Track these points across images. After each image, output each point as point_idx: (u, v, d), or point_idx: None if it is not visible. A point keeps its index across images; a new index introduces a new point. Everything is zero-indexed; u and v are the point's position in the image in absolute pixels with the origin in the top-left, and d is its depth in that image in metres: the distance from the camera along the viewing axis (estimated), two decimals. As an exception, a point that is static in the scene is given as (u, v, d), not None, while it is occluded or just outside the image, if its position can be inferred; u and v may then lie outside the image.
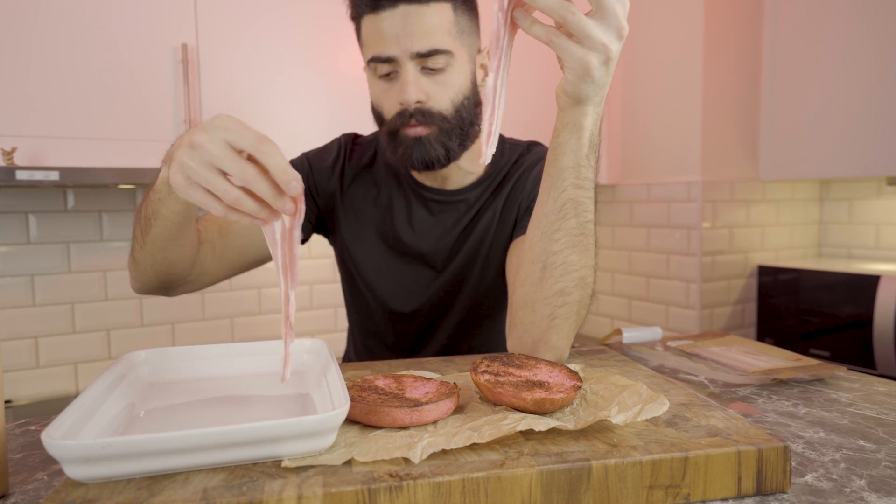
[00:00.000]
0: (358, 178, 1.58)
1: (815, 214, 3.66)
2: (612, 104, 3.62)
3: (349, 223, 1.58)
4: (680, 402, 0.92)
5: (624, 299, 3.66)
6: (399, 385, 0.93)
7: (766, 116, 3.36)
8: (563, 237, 1.09)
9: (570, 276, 1.10)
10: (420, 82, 1.33)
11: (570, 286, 1.11)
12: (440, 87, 1.35)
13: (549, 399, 0.83)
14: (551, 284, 1.11)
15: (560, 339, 1.14)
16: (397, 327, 1.59)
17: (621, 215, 3.64)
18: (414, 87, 1.32)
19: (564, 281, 1.10)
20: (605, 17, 0.92)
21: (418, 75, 1.33)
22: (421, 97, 1.33)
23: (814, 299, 3.10)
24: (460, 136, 1.40)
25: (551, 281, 1.11)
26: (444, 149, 1.38)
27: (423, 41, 1.29)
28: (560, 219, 1.09)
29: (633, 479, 0.72)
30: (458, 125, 1.39)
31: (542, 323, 1.13)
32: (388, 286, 1.56)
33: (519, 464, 0.71)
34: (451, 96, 1.36)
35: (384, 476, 0.68)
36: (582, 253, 1.10)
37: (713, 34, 3.16)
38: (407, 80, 1.32)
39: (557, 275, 1.10)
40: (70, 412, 0.75)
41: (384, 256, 1.55)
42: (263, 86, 2.60)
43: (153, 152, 2.35)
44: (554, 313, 1.12)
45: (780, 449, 0.76)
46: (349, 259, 1.59)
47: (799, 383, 1.25)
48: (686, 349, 1.51)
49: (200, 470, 0.71)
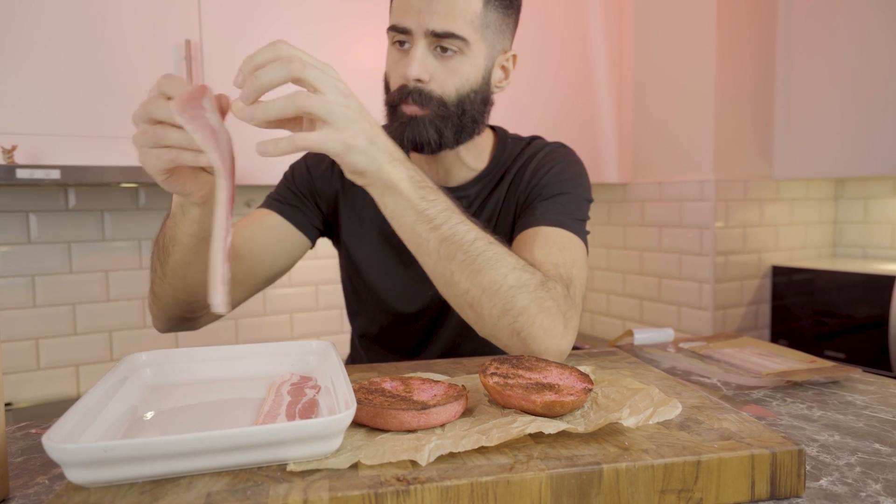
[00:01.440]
0: None
1: (830, 214, 3.65)
2: (624, 101, 3.62)
3: (351, 224, 1.58)
4: (692, 405, 0.92)
5: (635, 300, 3.65)
6: (406, 387, 0.93)
7: (780, 113, 3.35)
8: (462, 275, 1.10)
9: (499, 295, 1.10)
10: (427, 61, 1.33)
11: (506, 301, 1.10)
12: (448, 72, 1.34)
13: (559, 402, 0.83)
14: (489, 313, 1.12)
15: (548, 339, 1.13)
16: (402, 328, 1.59)
17: (633, 215, 3.64)
18: (419, 64, 1.32)
19: (496, 301, 1.10)
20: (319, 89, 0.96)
21: (427, 53, 1.33)
22: (423, 76, 1.33)
23: (829, 300, 3.09)
24: (457, 126, 1.39)
25: (486, 312, 1.12)
26: (437, 133, 1.37)
27: (442, 21, 1.29)
28: (447, 263, 1.10)
29: (645, 483, 0.72)
30: (458, 114, 1.38)
31: (514, 342, 1.14)
32: (391, 287, 1.56)
33: (528, 467, 0.71)
34: (458, 84, 1.36)
35: (391, 480, 0.68)
36: (493, 268, 1.10)
37: (726, 29, 3.15)
38: (413, 56, 1.32)
39: (486, 303, 1.11)
40: (71, 415, 0.75)
41: (386, 257, 1.55)
42: (268, 83, 2.58)
43: (156, 151, 2.35)
44: (514, 329, 1.12)
45: (794, 452, 0.75)
46: (352, 261, 1.59)
47: (813, 385, 1.25)
48: (699, 351, 1.51)
49: (204, 474, 0.71)
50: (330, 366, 0.99)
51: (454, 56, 1.33)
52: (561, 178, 1.43)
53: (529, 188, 1.44)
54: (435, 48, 1.32)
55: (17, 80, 2.15)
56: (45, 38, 2.18)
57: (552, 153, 1.49)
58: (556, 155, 1.49)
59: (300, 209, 1.53)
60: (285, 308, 3.20)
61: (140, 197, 2.81)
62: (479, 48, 1.36)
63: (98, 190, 2.72)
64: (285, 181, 1.58)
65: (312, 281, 3.23)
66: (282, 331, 3.20)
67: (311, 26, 2.66)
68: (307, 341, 1.10)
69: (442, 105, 1.35)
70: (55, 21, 2.19)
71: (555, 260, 1.24)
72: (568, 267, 1.24)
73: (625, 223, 3.69)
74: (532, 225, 1.35)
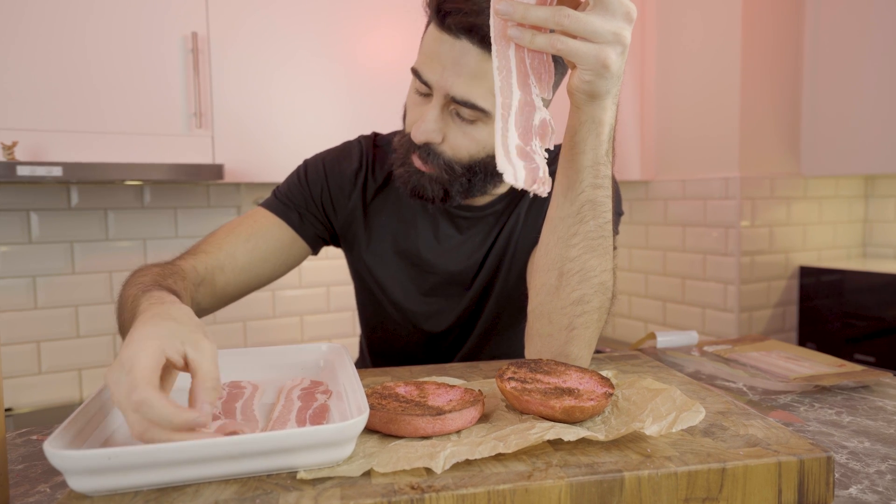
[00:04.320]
0: (381, 191, 1.53)
1: (860, 212, 3.63)
2: (646, 94, 3.62)
3: (372, 242, 1.54)
4: (717, 411, 0.92)
5: (658, 302, 3.65)
6: (421, 392, 0.93)
7: (808, 108, 3.33)
8: (581, 241, 1.09)
9: (589, 283, 1.10)
10: (441, 123, 1.26)
11: (589, 293, 1.10)
12: (463, 137, 1.27)
13: (578, 407, 0.83)
14: (569, 293, 1.11)
15: (581, 350, 1.13)
16: (429, 346, 1.58)
17: (655, 213, 3.63)
18: (431, 126, 1.25)
19: (583, 288, 1.10)
20: (606, 7, 0.92)
21: (443, 115, 1.26)
22: (435, 139, 1.27)
23: (858, 302, 3.08)
24: (465, 186, 1.33)
25: (569, 289, 1.11)
26: (443, 192, 1.32)
27: (464, 88, 1.20)
28: (578, 222, 1.09)
29: (668, 491, 0.72)
30: (467, 177, 1.32)
31: (560, 335, 1.13)
32: (418, 307, 1.54)
33: (547, 475, 0.71)
34: (472, 151, 1.28)
35: (405, 488, 0.68)
36: (601, 256, 1.10)
37: (752, 22, 3.14)
38: (426, 118, 1.25)
39: (575, 282, 1.10)
40: (74, 421, 0.75)
41: (410, 276, 1.53)
42: (278, 76, 2.61)
43: (161, 147, 2.37)
44: (572, 323, 1.11)
45: (822, 460, 0.75)
46: (372, 279, 1.56)
47: (843, 390, 1.24)
48: (723, 354, 1.50)
49: (211, 482, 0.71)
50: (342, 370, 0.99)
51: (473, 123, 1.25)
52: None
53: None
54: (452, 110, 1.25)
55: (17, 74, 2.16)
56: (46, 28, 2.19)
57: None
58: None
59: (308, 218, 1.50)
60: (295, 310, 3.20)
61: (145, 195, 2.82)
62: None
63: (101, 188, 2.73)
64: (298, 183, 1.53)
65: (324, 282, 3.24)
66: (292, 333, 3.20)
67: (319, 18, 2.67)
68: (318, 344, 1.11)
69: (449, 168, 1.30)
70: (57, 11, 2.20)
71: None
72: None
73: (647, 222, 3.68)
74: None
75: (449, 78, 1.20)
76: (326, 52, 2.69)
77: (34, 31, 2.17)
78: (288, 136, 2.63)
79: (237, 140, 2.52)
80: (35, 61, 2.18)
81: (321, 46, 2.68)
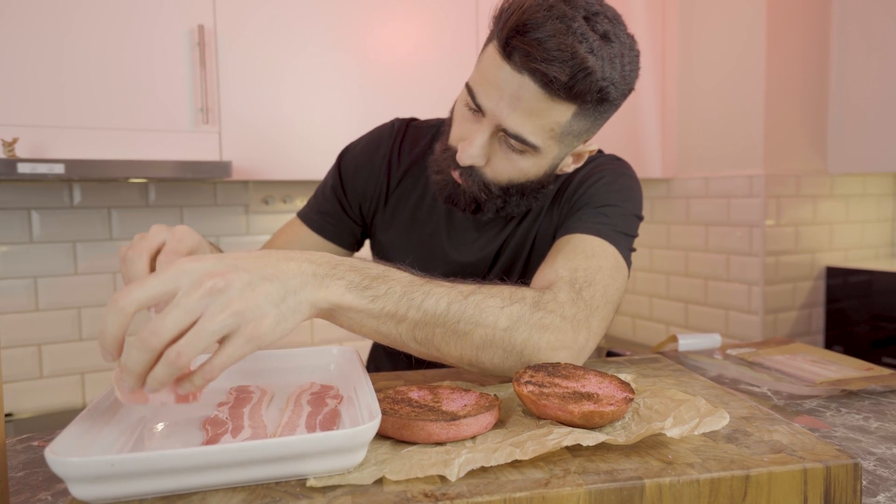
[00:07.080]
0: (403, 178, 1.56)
1: (889, 211, 3.62)
2: (668, 90, 3.61)
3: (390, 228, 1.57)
4: (741, 416, 0.91)
5: (680, 303, 3.64)
6: (435, 397, 0.93)
7: (834, 104, 3.32)
8: (450, 345, 1.04)
9: (496, 344, 1.04)
10: (488, 148, 1.27)
11: (505, 345, 1.05)
12: (507, 164, 1.29)
13: (598, 412, 0.83)
14: (493, 363, 1.07)
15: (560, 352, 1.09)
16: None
17: (677, 212, 3.62)
18: (478, 151, 1.26)
19: (496, 351, 1.05)
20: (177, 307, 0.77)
21: (491, 140, 1.27)
22: (479, 162, 1.28)
23: (887, 303, 3.07)
24: (499, 206, 1.36)
25: (489, 363, 1.07)
26: (476, 204, 1.35)
27: (517, 124, 1.21)
28: (430, 345, 1.03)
29: (690, 499, 0.72)
30: (502, 199, 1.35)
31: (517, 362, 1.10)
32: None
33: (565, 482, 0.71)
34: (513, 176, 1.31)
35: (418, 496, 0.68)
36: (477, 325, 1.03)
37: (777, 13, 3.12)
38: (473, 142, 1.25)
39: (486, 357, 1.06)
40: (76, 426, 0.75)
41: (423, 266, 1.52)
42: (287, 71, 2.61)
43: (167, 143, 2.38)
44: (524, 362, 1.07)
45: (849, 466, 0.75)
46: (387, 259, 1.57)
47: (870, 395, 1.24)
48: (747, 358, 1.50)
49: (218, 489, 0.71)
50: (353, 374, 0.99)
51: (520, 153, 1.27)
52: (609, 189, 1.39)
53: (575, 198, 1.41)
54: (501, 137, 1.26)
55: (18, 68, 2.16)
56: (48, 25, 2.20)
57: (603, 164, 1.46)
58: (608, 166, 1.45)
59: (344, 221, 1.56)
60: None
61: (150, 193, 2.83)
62: (550, 151, 1.29)
63: (105, 185, 2.74)
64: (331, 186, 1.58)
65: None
66: (301, 336, 3.21)
67: (330, 10, 2.67)
68: (328, 347, 1.11)
69: (486, 189, 1.32)
70: (59, 7, 2.21)
71: (576, 265, 1.21)
72: (591, 272, 1.20)
73: (669, 221, 3.68)
74: (567, 233, 1.32)
75: (504, 109, 1.20)
76: (338, 46, 2.69)
77: (35, 25, 2.18)
78: (298, 132, 2.62)
79: (245, 136, 2.52)
80: (36, 55, 2.19)
81: (332, 39, 2.68)
